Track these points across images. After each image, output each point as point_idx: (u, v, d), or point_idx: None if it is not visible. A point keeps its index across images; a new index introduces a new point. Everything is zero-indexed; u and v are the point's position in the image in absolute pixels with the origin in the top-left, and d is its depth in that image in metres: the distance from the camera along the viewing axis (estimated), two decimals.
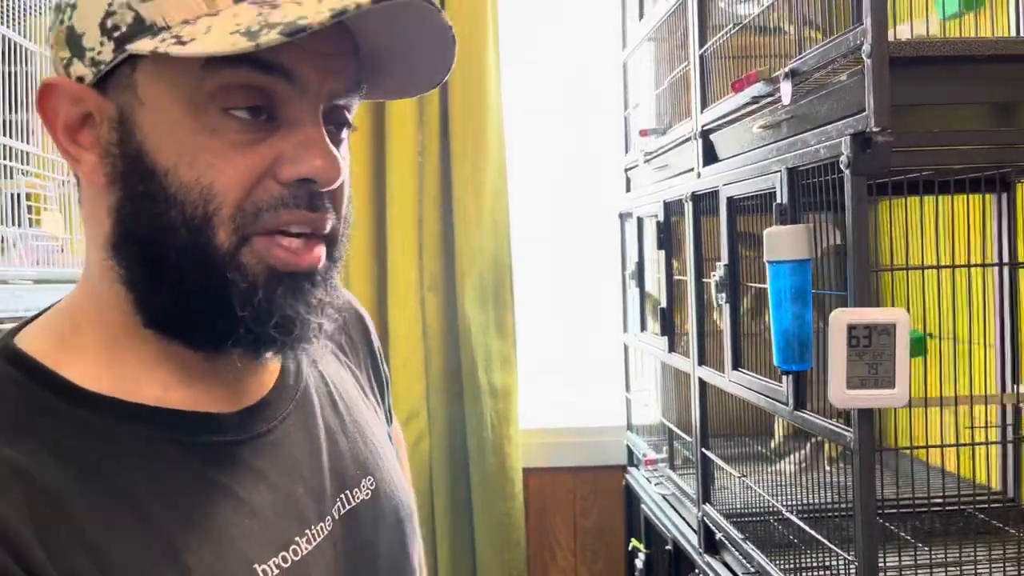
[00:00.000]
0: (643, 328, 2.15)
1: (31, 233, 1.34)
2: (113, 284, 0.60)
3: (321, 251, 0.60)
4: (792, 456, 1.76)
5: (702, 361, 1.67)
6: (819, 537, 1.20)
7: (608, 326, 2.48)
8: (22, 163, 1.36)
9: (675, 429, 1.97)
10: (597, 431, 2.50)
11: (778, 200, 1.21)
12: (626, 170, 2.33)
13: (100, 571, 0.52)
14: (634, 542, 2.20)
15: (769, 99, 1.28)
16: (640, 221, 2.14)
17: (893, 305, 1.69)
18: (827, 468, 1.74)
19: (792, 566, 1.29)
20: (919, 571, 1.20)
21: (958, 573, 1.20)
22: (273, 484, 0.63)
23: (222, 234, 0.56)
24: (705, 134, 1.61)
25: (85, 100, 0.58)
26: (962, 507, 1.52)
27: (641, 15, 2.11)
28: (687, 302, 1.79)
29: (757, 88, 1.28)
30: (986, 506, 1.51)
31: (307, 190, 0.58)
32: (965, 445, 1.43)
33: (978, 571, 1.20)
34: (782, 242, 1.14)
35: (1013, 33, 1.44)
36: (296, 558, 0.61)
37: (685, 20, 1.71)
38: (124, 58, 0.56)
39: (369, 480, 0.72)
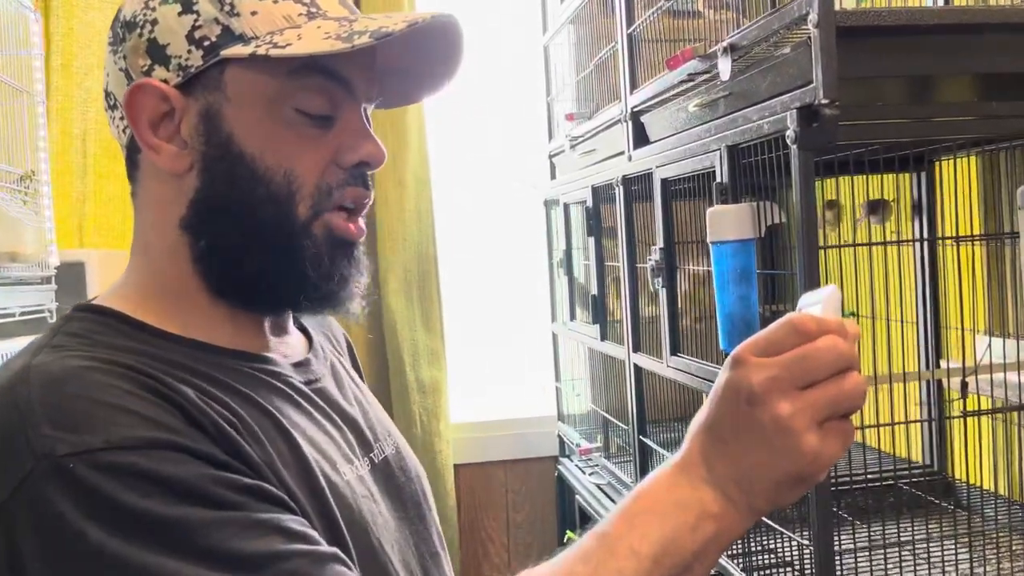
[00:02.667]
0: (572, 316, 2.12)
1: None
2: (179, 262, 0.70)
3: (363, 224, 0.73)
4: None
5: (637, 348, 1.64)
6: (768, 522, 1.18)
7: (536, 315, 2.44)
8: None
9: (609, 417, 1.95)
10: (527, 422, 2.46)
11: (718, 179, 1.18)
12: (551, 156, 2.28)
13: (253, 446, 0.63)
14: (569, 534, 2.17)
15: (705, 76, 1.25)
16: (567, 208, 2.10)
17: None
18: None
19: (740, 550, 1.27)
20: (873, 552, 1.19)
21: (912, 551, 1.20)
22: (330, 422, 0.74)
23: (302, 209, 0.69)
24: (635, 116, 1.58)
25: (170, 98, 0.68)
26: (893, 482, 1.54)
27: None
28: (618, 288, 1.76)
29: (692, 65, 1.25)
30: (916, 480, 1.54)
31: (362, 172, 0.72)
32: (898, 424, 1.44)
33: (930, 549, 1.20)
34: (725, 222, 1.11)
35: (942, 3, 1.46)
36: (353, 476, 0.72)
37: (610, 1, 1.67)
38: (214, 62, 0.67)
39: (391, 440, 0.82)
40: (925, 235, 1.56)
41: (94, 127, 2.17)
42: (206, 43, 0.67)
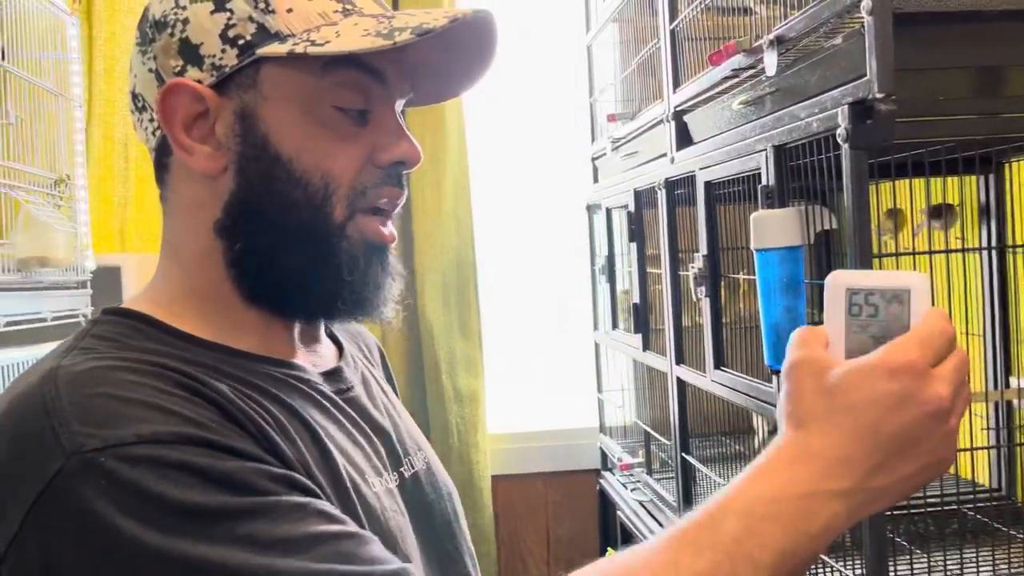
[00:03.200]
0: (615, 325, 2.04)
1: None
2: (212, 266, 0.69)
3: (394, 229, 0.72)
4: None
5: (680, 360, 1.57)
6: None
7: (577, 324, 2.37)
8: None
9: (651, 431, 1.87)
10: (568, 434, 2.39)
11: (763, 182, 1.10)
12: (593, 159, 2.21)
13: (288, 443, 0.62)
14: (610, 551, 2.09)
15: (750, 72, 1.17)
16: (609, 212, 2.03)
17: None
18: None
19: None
20: None
21: None
22: (360, 432, 0.72)
23: (338, 210, 0.68)
24: (678, 115, 1.50)
25: (204, 98, 0.66)
26: (957, 507, 1.43)
27: None
28: (662, 297, 1.69)
29: (737, 60, 1.17)
30: (981, 505, 1.43)
31: (397, 171, 0.70)
32: (964, 451, 1.33)
33: None
34: (771, 227, 1.03)
35: None
36: (382, 489, 0.70)
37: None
38: (250, 61, 0.66)
39: (422, 455, 0.80)
40: (993, 243, 1.45)
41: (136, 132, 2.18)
42: (240, 42, 0.66)
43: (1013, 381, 1.45)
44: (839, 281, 0.65)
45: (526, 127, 2.42)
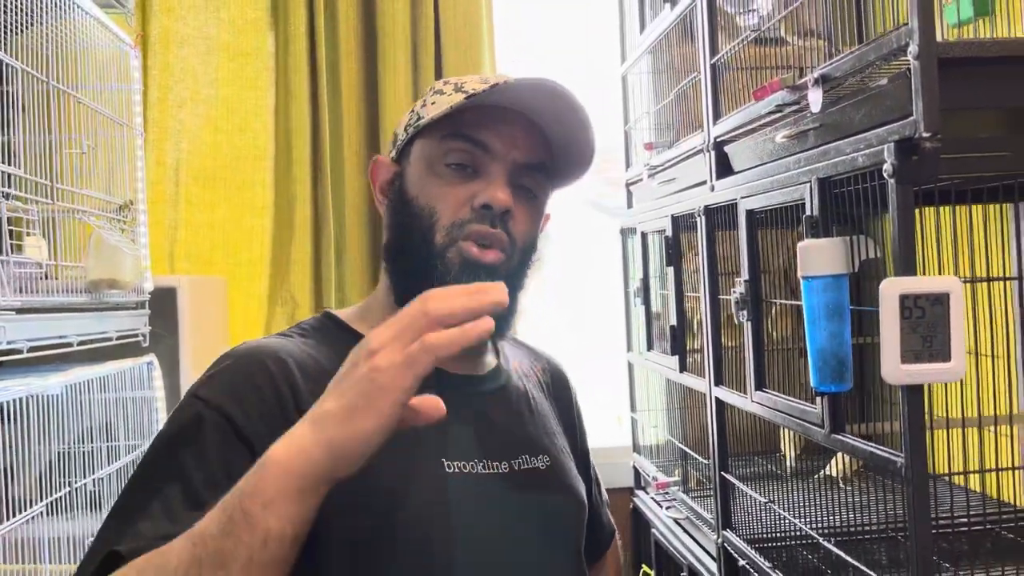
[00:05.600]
0: (650, 347, 2.09)
1: (12, 260, 1.26)
2: (386, 278, 0.98)
3: (498, 256, 0.91)
4: (816, 476, 1.70)
5: (719, 381, 1.61)
6: (860, 566, 1.14)
7: (611, 344, 2.42)
8: (4, 185, 1.28)
9: (688, 451, 1.91)
10: (602, 452, 2.41)
11: (808, 212, 1.15)
12: (628, 185, 2.27)
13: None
14: (644, 568, 2.13)
15: (793, 107, 1.23)
16: (644, 236, 2.09)
17: None
18: (842, 486, 1.69)
19: None
20: None
21: None
22: (461, 420, 0.90)
23: (439, 237, 0.91)
24: (718, 146, 1.56)
25: (390, 168, 1.00)
26: (990, 527, 1.46)
27: (642, 28, 2.06)
28: (697, 319, 1.73)
29: (780, 96, 1.23)
30: (1013, 525, 1.46)
31: (489, 213, 0.90)
32: (1005, 470, 1.37)
33: None
34: (817, 257, 1.08)
35: None
36: (473, 472, 0.89)
37: (692, 30, 1.66)
38: (408, 139, 0.97)
39: (545, 457, 0.97)
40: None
41: (187, 158, 2.26)
42: (409, 128, 0.97)
43: None
44: (892, 288, 0.74)
45: None
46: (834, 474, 1.73)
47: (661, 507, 2.02)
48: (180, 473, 0.79)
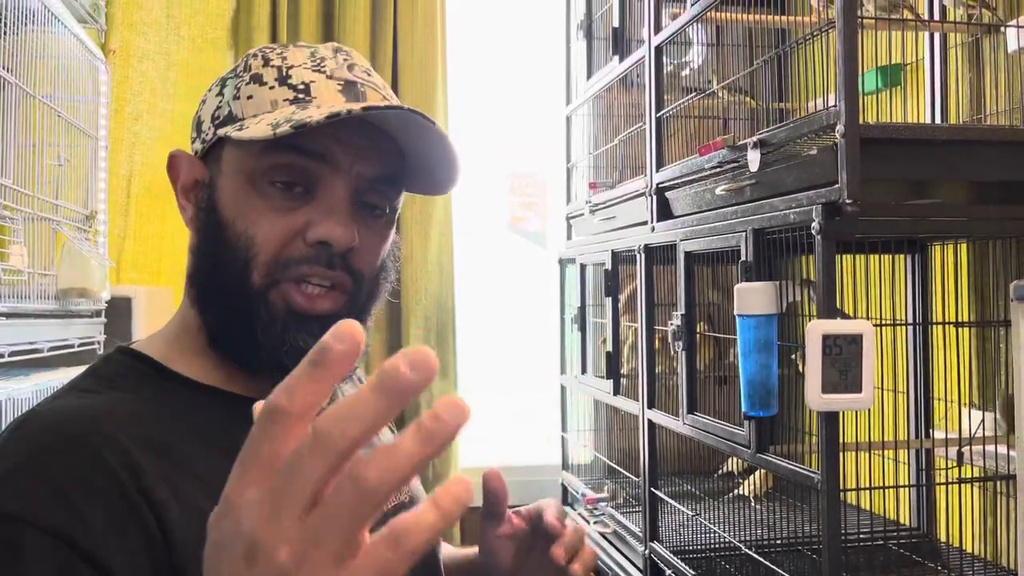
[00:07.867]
0: (584, 371, 2.23)
1: (1, 267, 1.30)
2: (192, 307, 0.77)
3: (338, 301, 0.74)
4: (729, 495, 1.87)
5: (652, 404, 1.76)
6: (783, 573, 1.29)
7: (544, 367, 2.56)
8: None
9: (619, 468, 2.05)
10: (532, 470, 2.56)
11: (744, 258, 1.31)
12: (568, 218, 2.42)
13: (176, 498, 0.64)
14: None
15: (732, 164, 1.39)
16: (583, 267, 2.23)
17: None
18: (754, 505, 1.86)
19: None
20: None
21: None
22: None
23: (256, 276, 0.72)
24: (660, 191, 1.72)
25: (195, 167, 0.77)
26: (882, 542, 1.65)
27: (589, 74, 2.22)
28: (628, 344, 1.88)
29: (722, 154, 1.39)
30: (904, 541, 1.65)
31: (326, 251, 0.72)
32: (890, 487, 1.56)
33: None
34: (752, 298, 1.24)
35: (927, 115, 1.63)
36: None
37: (640, 83, 1.83)
38: (217, 139, 0.75)
39: (406, 489, 0.84)
40: (919, 319, 1.70)
41: (139, 169, 2.30)
42: (217, 122, 0.75)
43: (931, 432, 1.69)
44: (817, 329, 0.89)
45: (502, 187, 2.64)
46: (747, 493, 1.90)
47: (589, 523, 2.15)
48: None
